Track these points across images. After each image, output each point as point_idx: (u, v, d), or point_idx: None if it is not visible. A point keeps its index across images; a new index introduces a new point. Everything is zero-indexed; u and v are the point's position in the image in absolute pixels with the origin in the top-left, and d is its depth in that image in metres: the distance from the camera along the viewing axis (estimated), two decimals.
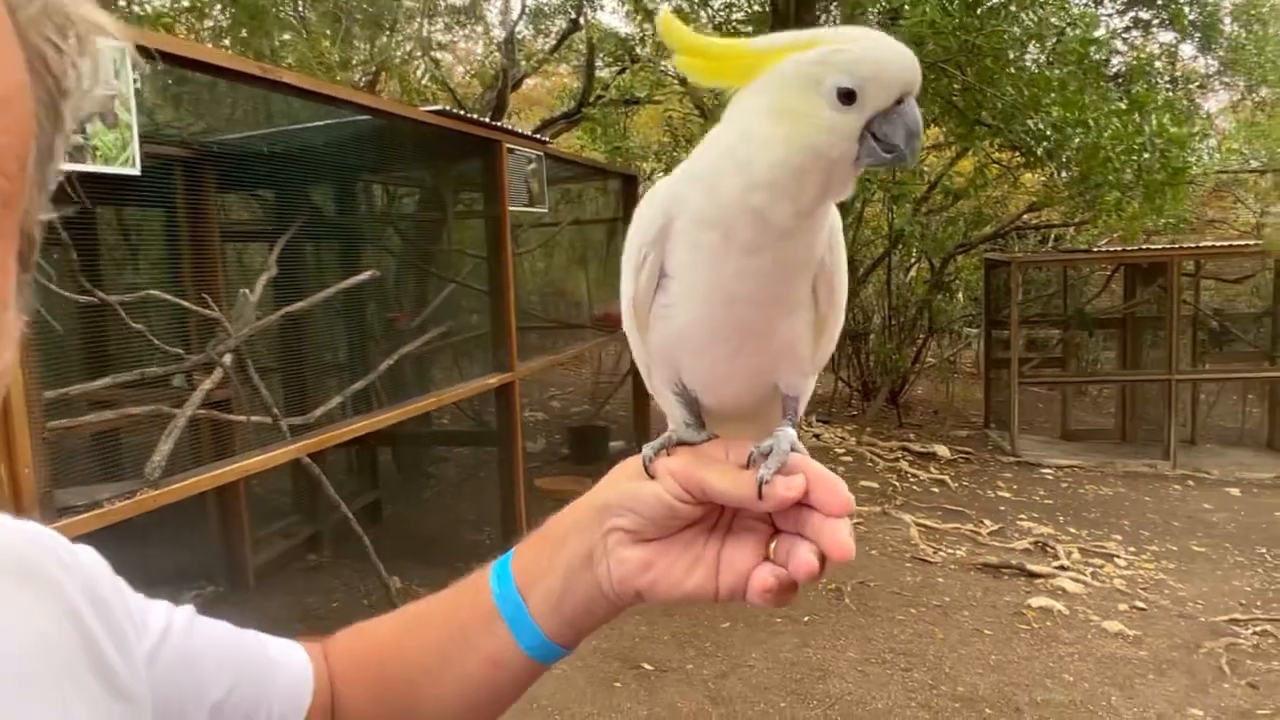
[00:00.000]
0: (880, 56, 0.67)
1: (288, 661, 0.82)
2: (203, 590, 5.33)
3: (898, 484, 7.83)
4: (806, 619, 5.05)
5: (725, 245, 0.72)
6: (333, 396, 4.82)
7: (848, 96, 0.67)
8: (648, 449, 0.77)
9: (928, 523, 6.71)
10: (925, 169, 9.81)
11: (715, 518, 0.76)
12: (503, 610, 0.77)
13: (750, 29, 7.30)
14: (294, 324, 4.76)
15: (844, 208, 6.77)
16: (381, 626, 0.86)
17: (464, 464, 7.79)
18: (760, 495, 0.70)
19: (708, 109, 7.88)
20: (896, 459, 8.59)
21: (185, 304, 4.04)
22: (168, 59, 3.11)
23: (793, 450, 0.72)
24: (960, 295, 11.88)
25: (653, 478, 0.75)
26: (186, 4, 6.82)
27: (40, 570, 0.63)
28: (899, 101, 0.67)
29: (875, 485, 7.69)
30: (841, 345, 10.72)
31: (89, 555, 0.68)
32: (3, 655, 0.56)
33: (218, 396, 4.31)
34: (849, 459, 8.51)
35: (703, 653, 4.64)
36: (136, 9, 7.16)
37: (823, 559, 0.69)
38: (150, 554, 5.38)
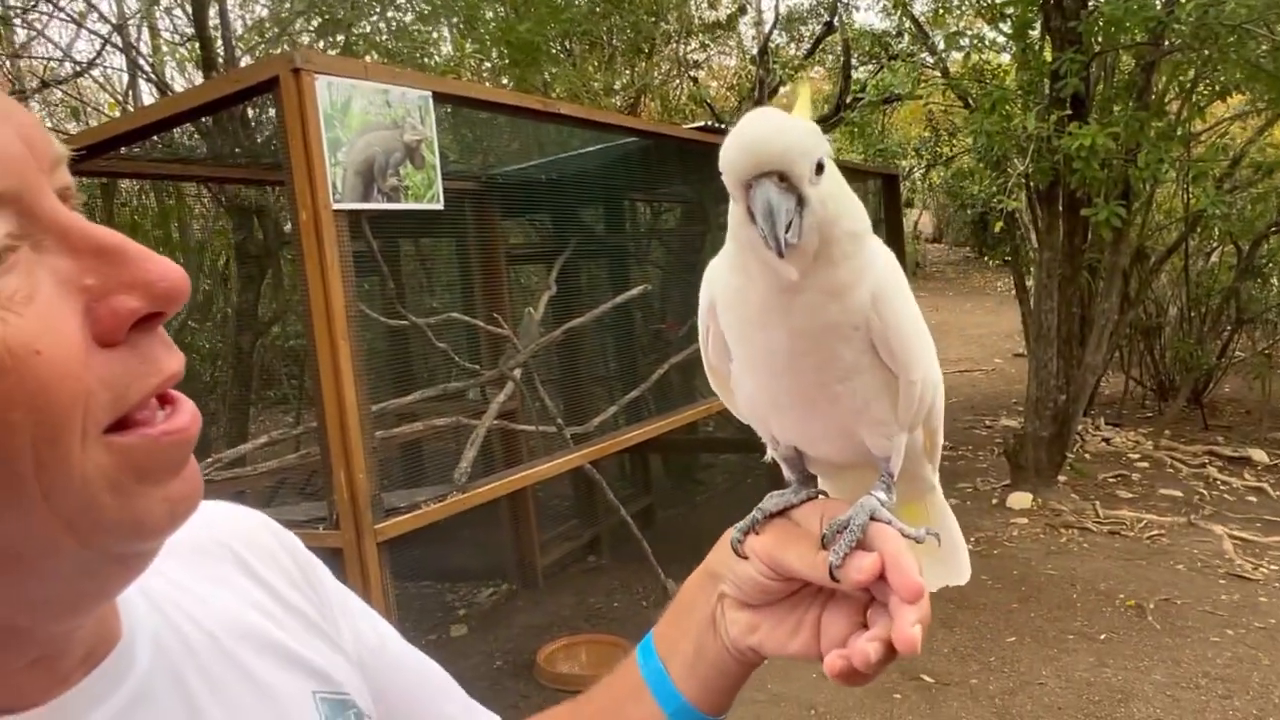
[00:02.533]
0: (727, 145, 0.68)
1: None
2: (498, 588, 5.77)
3: (1205, 492, 7.08)
4: (1103, 636, 4.69)
5: (746, 321, 0.74)
6: (605, 406, 5.07)
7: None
8: (735, 531, 0.78)
9: (1244, 535, 6.02)
10: (1228, 140, 8.82)
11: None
12: (648, 679, 0.81)
13: (1013, 9, 6.90)
14: (570, 338, 5.06)
15: (1130, 193, 6.13)
16: (555, 713, 0.91)
17: (731, 471, 7.91)
18: (834, 578, 0.70)
19: (973, 98, 7.53)
20: (1203, 464, 7.76)
21: (479, 323, 4.40)
22: (464, 102, 3.43)
23: (874, 519, 0.71)
24: (1275, 281, 10.54)
25: (744, 557, 0.77)
26: (470, 49, 7.46)
27: (254, 550, 0.72)
28: (750, 186, 0.67)
29: (1178, 494, 7.00)
30: (1131, 341, 9.84)
31: (292, 538, 0.78)
32: (226, 631, 0.65)
33: (505, 409, 4.67)
34: (1145, 465, 7.80)
35: (987, 667, 4.44)
36: (429, 61, 7.91)
37: (891, 646, 0.68)
38: (453, 553, 5.90)
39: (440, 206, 3.21)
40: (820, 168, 0.67)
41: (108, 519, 0.48)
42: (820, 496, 0.80)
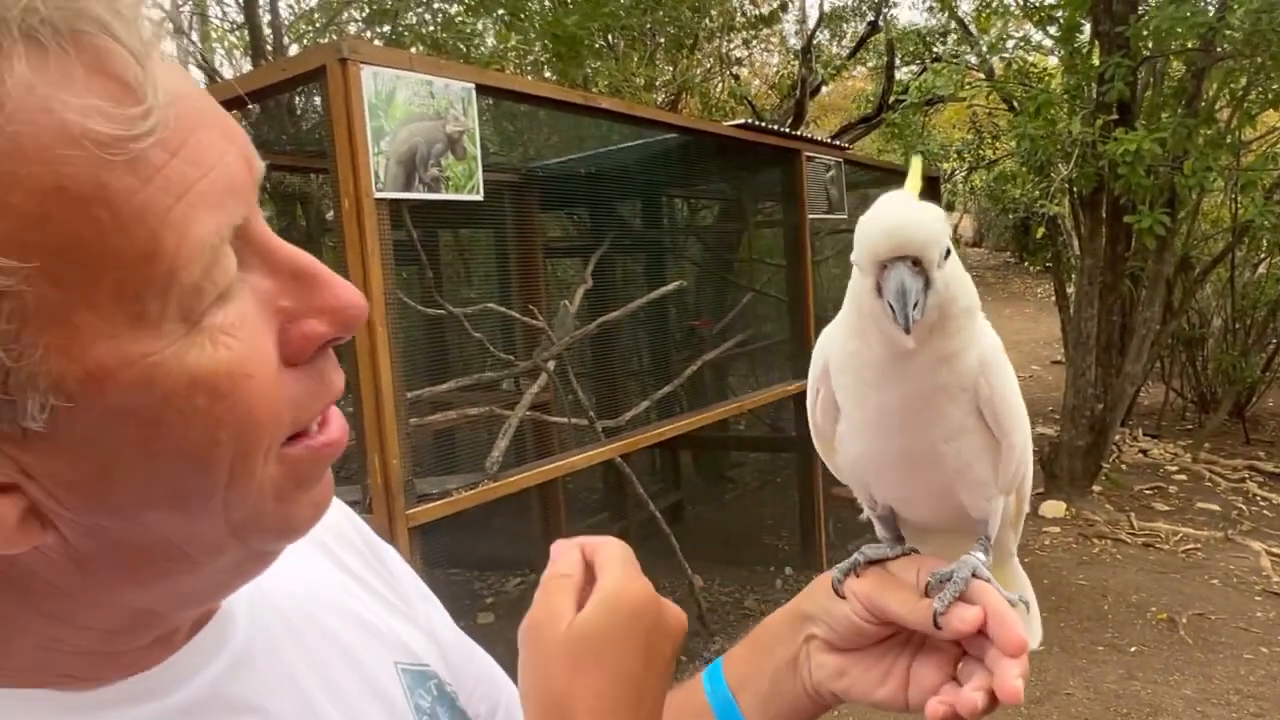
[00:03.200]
0: (862, 230, 0.73)
1: None
2: (526, 578, 5.81)
3: (1244, 507, 6.96)
4: (1134, 649, 4.64)
5: (862, 382, 0.78)
6: (637, 401, 5.09)
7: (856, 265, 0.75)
8: (836, 571, 0.81)
9: None
10: (1278, 151, 8.64)
11: (910, 633, 0.78)
12: (714, 706, 0.83)
13: (1061, 12, 6.81)
14: (604, 332, 5.08)
15: (1176, 201, 6.02)
16: None
17: (761, 469, 7.89)
18: (936, 625, 0.72)
19: (1018, 101, 7.44)
20: (1242, 479, 7.63)
21: (515, 315, 4.43)
22: (506, 95, 3.46)
23: (975, 576, 0.73)
24: None
25: (843, 597, 0.79)
26: (513, 43, 7.51)
27: (329, 530, 0.74)
28: (885, 266, 0.72)
29: (1216, 508, 6.89)
30: (1173, 352, 9.68)
31: (362, 523, 0.80)
32: (312, 601, 0.67)
33: (538, 400, 4.70)
34: (1183, 478, 7.69)
35: None
36: (474, 52, 7.96)
37: (993, 696, 0.69)
38: (483, 542, 5.95)
39: (480, 198, 3.24)
40: (947, 253, 0.73)
41: (267, 523, 0.51)
42: (915, 553, 0.83)
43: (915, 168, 0.82)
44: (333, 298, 0.51)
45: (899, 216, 0.72)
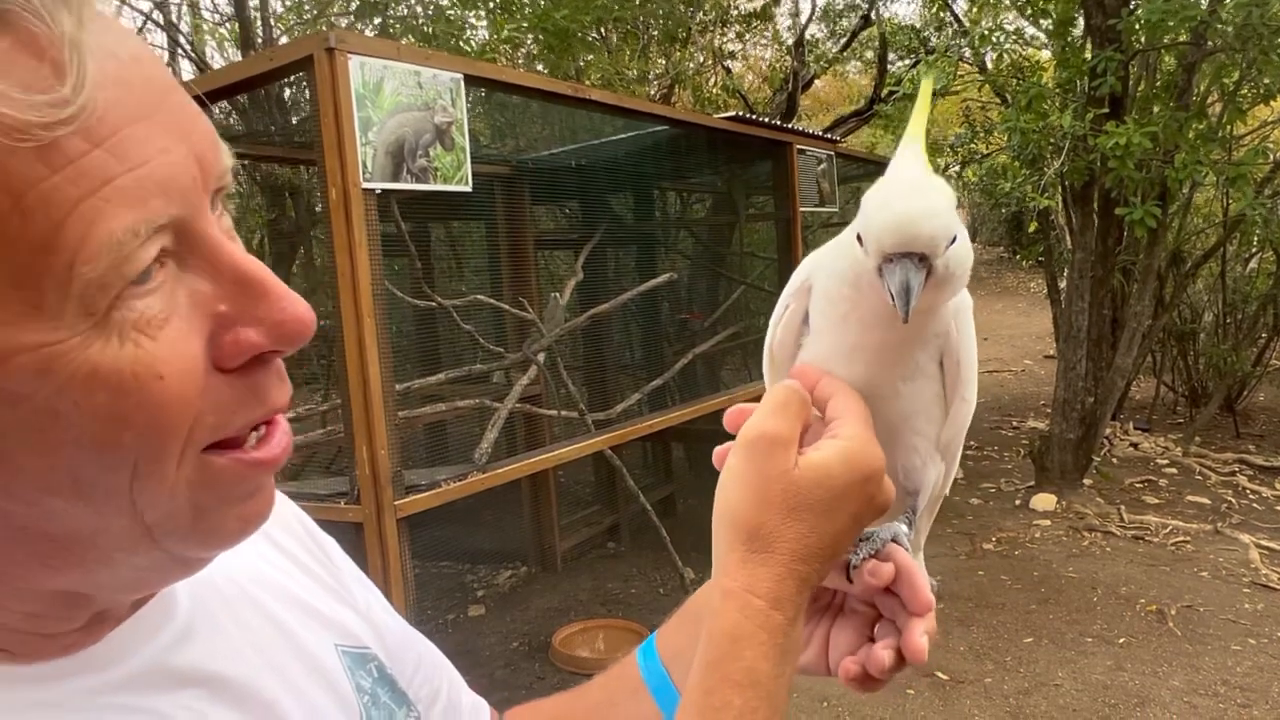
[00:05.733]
0: (870, 215, 0.69)
1: (474, 704, 0.90)
2: (517, 570, 5.81)
3: (1234, 500, 6.98)
4: (1122, 640, 4.65)
5: (845, 314, 0.76)
6: (628, 393, 5.09)
7: (860, 238, 0.71)
8: None
9: (1271, 545, 5.93)
10: (1269, 145, 8.66)
11: (830, 597, 0.80)
12: (648, 681, 0.83)
13: (1054, 5, 6.82)
14: (595, 324, 5.08)
15: (1167, 195, 6.02)
16: (549, 703, 0.93)
17: None
18: (849, 578, 0.73)
19: (1010, 95, 7.45)
20: (1232, 473, 7.65)
21: (505, 307, 4.43)
22: (495, 85, 3.45)
23: (894, 541, 0.74)
24: None
25: None
26: (504, 36, 7.48)
27: (276, 521, 0.73)
28: (890, 259, 0.68)
29: (1206, 501, 6.91)
30: (1164, 346, 9.70)
31: (304, 514, 0.80)
32: (250, 582, 0.67)
33: (529, 392, 4.70)
34: (1173, 471, 7.71)
35: (1002, 667, 4.42)
36: (464, 45, 7.94)
37: (901, 655, 0.70)
38: (474, 535, 5.96)
39: (469, 189, 3.24)
40: (954, 239, 0.70)
41: (183, 529, 0.49)
42: None
43: (925, 90, 0.76)
44: (277, 310, 0.50)
45: (909, 211, 0.68)
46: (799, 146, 5.46)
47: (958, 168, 13.18)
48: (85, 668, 0.52)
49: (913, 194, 0.69)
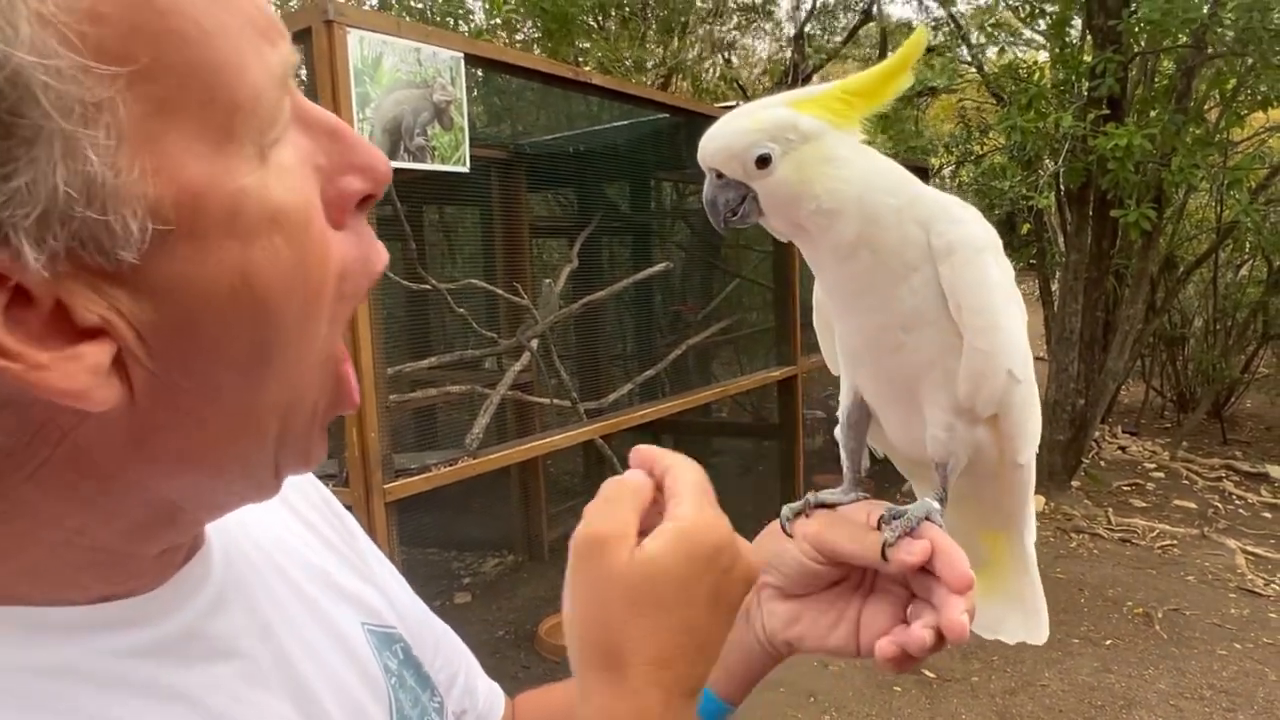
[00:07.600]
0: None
1: (489, 690, 0.87)
2: (503, 559, 5.78)
3: (1220, 506, 7.01)
4: (1109, 642, 4.66)
5: (820, 267, 0.78)
6: (620, 383, 5.05)
7: None
8: (787, 510, 0.79)
9: (1257, 551, 5.96)
10: (1265, 151, 8.68)
11: (860, 577, 0.78)
12: None
13: (1053, 6, 6.80)
14: (588, 313, 5.04)
15: (1165, 200, 6.01)
16: (559, 688, 0.90)
17: (743, 456, 7.88)
18: (884, 557, 0.70)
19: (1006, 95, 7.43)
20: (1219, 478, 7.68)
21: (499, 292, 4.38)
22: (494, 65, 3.40)
23: (928, 519, 0.72)
24: None
25: (790, 536, 0.77)
26: (500, 20, 7.42)
27: (295, 489, 0.71)
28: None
29: (1193, 505, 6.93)
30: (1154, 350, 9.73)
31: (325, 488, 0.77)
32: (280, 553, 0.64)
33: (520, 380, 4.66)
34: (1160, 475, 7.73)
35: (989, 666, 4.41)
36: (462, 25, 7.87)
37: (941, 634, 0.68)
38: (462, 522, 5.92)
39: (466, 169, 3.19)
40: (765, 160, 0.70)
41: (300, 426, 0.49)
42: (867, 499, 0.81)
43: (915, 41, 0.74)
44: (365, 154, 0.49)
45: (710, 131, 0.73)
46: None
47: (952, 167, 13.20)
48: (117, 621, 0.48)
49: (723, 120, 0.73)
